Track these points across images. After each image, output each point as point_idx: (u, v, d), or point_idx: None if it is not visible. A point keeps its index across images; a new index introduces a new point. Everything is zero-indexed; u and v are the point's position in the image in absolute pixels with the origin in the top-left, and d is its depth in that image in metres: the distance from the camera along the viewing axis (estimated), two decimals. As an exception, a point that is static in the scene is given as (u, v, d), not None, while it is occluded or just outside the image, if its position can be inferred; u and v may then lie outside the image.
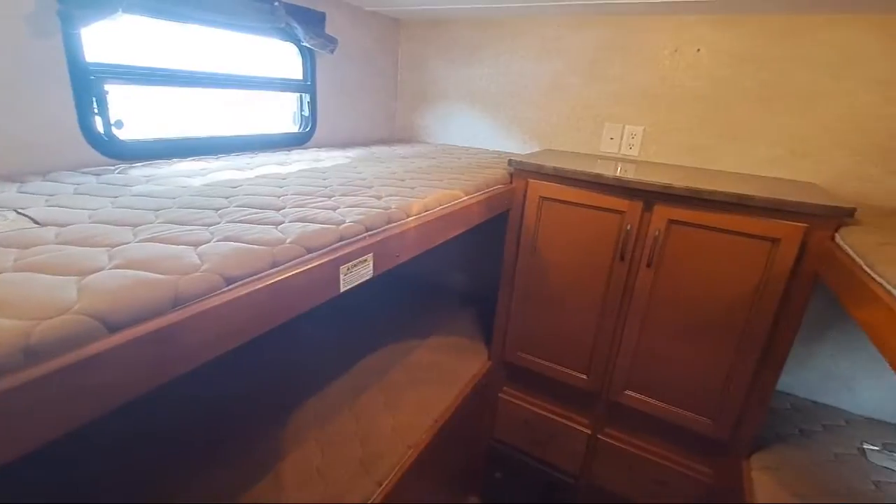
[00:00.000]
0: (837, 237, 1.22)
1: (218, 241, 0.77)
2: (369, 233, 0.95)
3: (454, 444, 1.76)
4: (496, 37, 2.15)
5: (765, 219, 1.31)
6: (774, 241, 1.30)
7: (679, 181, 1.43)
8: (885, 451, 1.54)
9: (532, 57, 2.08)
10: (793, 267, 1.30)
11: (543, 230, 1.68)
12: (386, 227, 1.01)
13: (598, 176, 1.52)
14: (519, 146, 2.21)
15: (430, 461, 1.46)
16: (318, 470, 1.23)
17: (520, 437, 2.00)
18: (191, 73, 1.55)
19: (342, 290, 0.87)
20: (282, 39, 1.82)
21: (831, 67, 1.56)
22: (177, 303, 0.62)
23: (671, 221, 1.44)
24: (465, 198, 1.38)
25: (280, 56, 1.91)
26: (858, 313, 0.97)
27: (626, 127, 1.96)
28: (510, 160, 1.68)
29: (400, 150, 2.09)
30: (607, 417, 1.78)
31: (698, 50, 1.75)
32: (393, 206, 1.08)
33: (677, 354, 1.54)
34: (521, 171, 1.67)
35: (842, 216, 1.23)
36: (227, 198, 1.04)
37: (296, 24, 1.72)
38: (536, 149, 2.16)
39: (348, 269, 0.86)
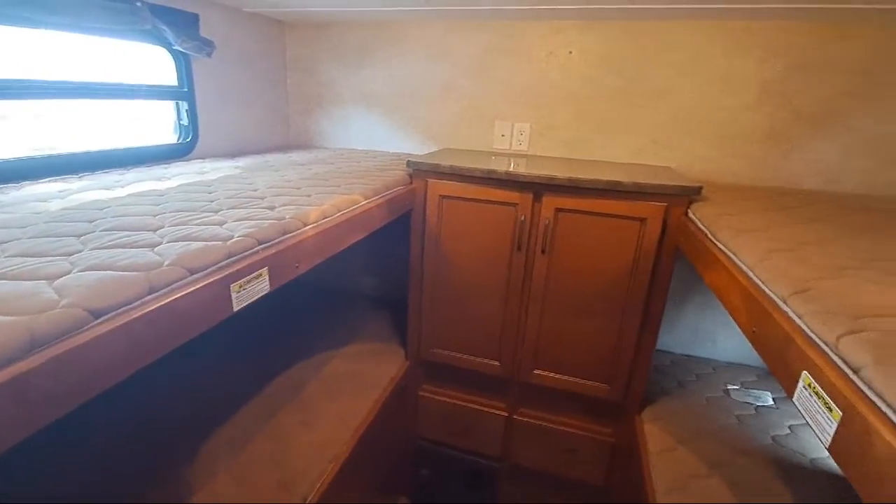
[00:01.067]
0: (689, 212, 1.43)
1: (80, 271, 0.69)
2: (262, 246, 0.92)
3: (378, 450, 1.76)
4: (386, 39, 2.16)
5: (633, 201, 1.48)
6: (642, 220, 1.49)
7: (562, 173, 1.56)
8: (743, 389, 1.84)
9: (422, 59, 2.13)
10: (658, 241, 1.49)
11: (446, 228, 1.73)
12: (281, 238, 0.98)
13: (492, 172, 1.61)
14: (418, 147, 2.26)
15: (353, 471, 1.45)
16: (232, 501, 1.16)
17: (443, 431, 2.05)
18: (35, 82, 1.36)
19: (236, 308, 0.83)
20: (150, 43, 1.66)
21: (680, 66, 1.81)
22: (34, 346, 0.55)
23: (558, 210, 1.58)
24: (365, 202, 1.39)
25: (155, 62, 1.75)
26: (707, 276, 1.15)
27: (515, 124, 2.10)
28: (409, 161, 1.71)
29: (296, 156, 2.03)
30: (521, 398, 1.89)
31: (570, 52, 1.93)
32: (288, 216, 1.05)
33: (575, 330, 1.69)
34: (419, 172, 1.71)
35: (691, 194, 1.44)
36: (91, 221, 0.94)
37: (164, 27, 1.59)
38: (434, 148, 2.22)
39: (241, 286, 0.82)
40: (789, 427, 1.63)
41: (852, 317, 0.66)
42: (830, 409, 0.56)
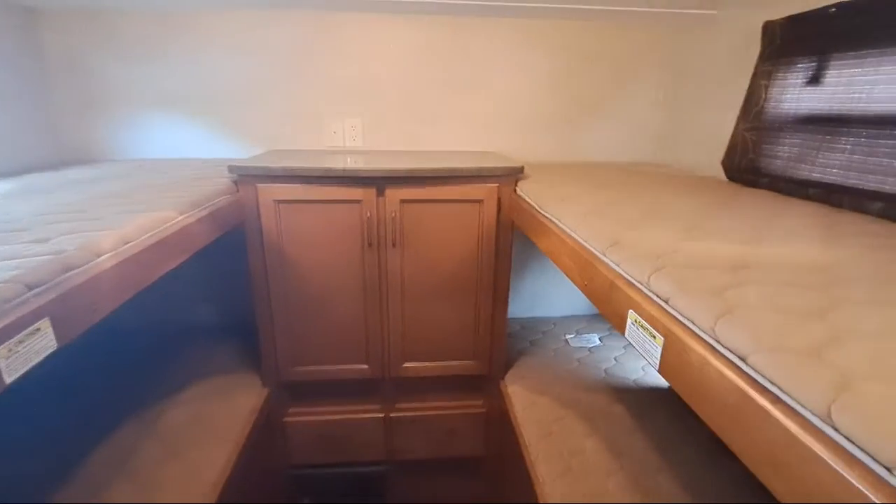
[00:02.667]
0: (518, 189, 1.58)
1: None
2: (35, 291, 0.70)
3: (246, 496, 1.55)
4: (178, 30, 1.86)
5: (469, 185, 1.57)
6: (479, 202, 1.59)
7: (401, 165, 1.57)
8: (578, 335, 2.14)
9: (233, 54, 1.90)
10: (496, 219, 1.61)
11: (288, 235, 1.59)
12: (63, 277, 0.76)
13: (329, 170, 1.53)
14: (239, 152, 2.02)
15: (220, 527, 1.25)
16: None
17: (319, 452, 1.92)
18: None
19: (9, 379, 0.61)
20: None
21: (492, 59, 1.97)
22: None
23: (403, 201, 1.58)
24: (181, 217, 1.18)
25: None
26: (541, 243, 1.28)
27: (346, 120, 2.03)
28: (230, 166, 1.52)
29: (74, 173, 1.62)
30: (395, 395, 1.88)
31: (390, 45, 1.94)
32: (70, 248, 0.82)
33: (436, 316, 1.73)
34: (246, 178, 1.53)
35: (517, 174, 1.59)
36: None
37: None
38: (258, 152, 2.01)
39: (10, 350, 0.61)
40: (614, 359, 1.96)
41: (654, 258, 0.80)
42: (654, 337, 0.67)
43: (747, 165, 1.48)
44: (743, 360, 0.53)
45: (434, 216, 1.61)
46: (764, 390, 0.49)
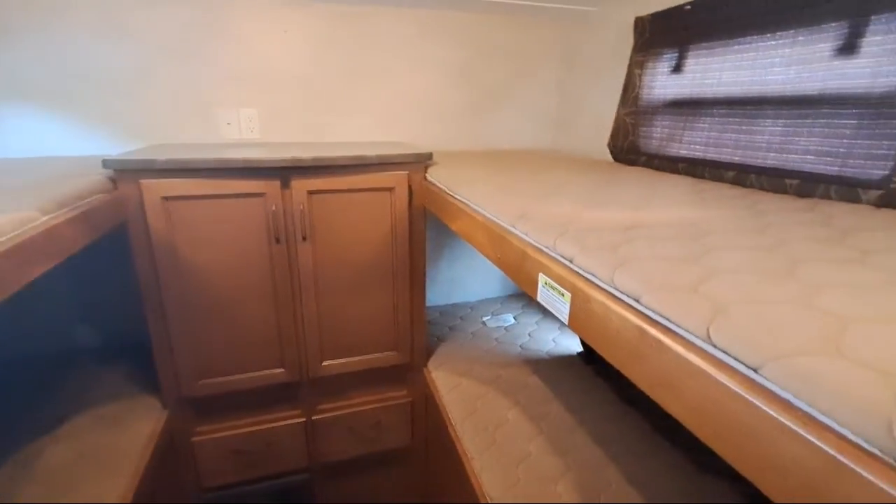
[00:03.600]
0: (428, 176, 1.59)
1: None
2: None
3: (153, 525, 1.39)
4: (26, 9, 1.59)
5: (379, 173, 1.56)
6: (390, 189, 1.58)
7: (306, 154, 1.50)
8: (494, 316, 2.23)
9: (101, 37, 1.67)
10: (408, 207, 1.62)
11: (181, 236, 1.45)
12: None
13: (225, 161, 1.41)
14: (115, 148, 1.78)
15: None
16: None
17: (234, 470, 1.77)
18: None
19: None
20: None
21: (395, 49, 1.96)
22: None
23: (310, 193, 1.52)
24: (46, 218, 1.01)
25: None
26: (454, 225, 1.31)
27: (241, 110, 1.89)
28: (105, 161, 1.33)
29: None
30: (315, 396, 1.80)
31: (285, 31, 1.84)
32: None
33: (354, 310, 1.69)
34: (126, 173, 1.36)
35: (426, 160, 1.61)
36: None
37: None
38: (141, 147, 1.80)
39: None
40: (528, 334, 2.08)
41: (558, 226, 0.86)
42: (563, 294, 0.73)
43: (629, 146, 1.65)
44: (637, 300, 0.60)
45: (344, 206, 1.57)
46: (656, 324, 0.56)
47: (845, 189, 1.01)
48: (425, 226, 1.69)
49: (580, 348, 1.93)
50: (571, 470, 1.32)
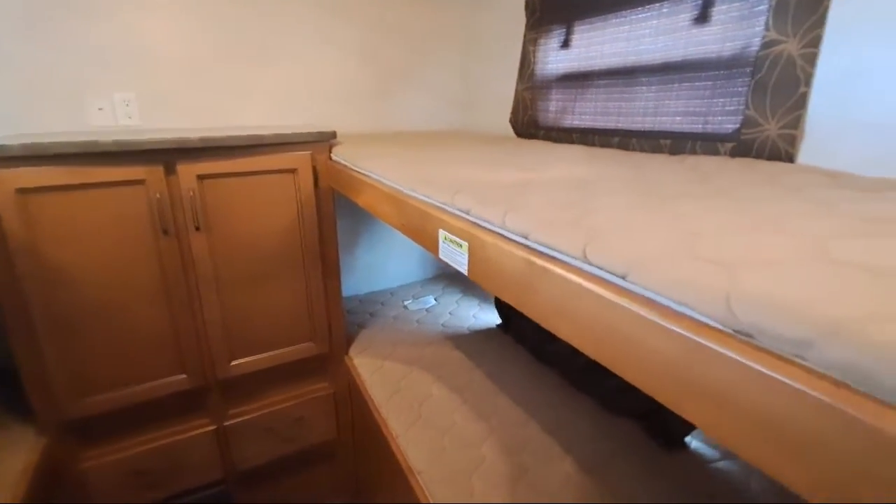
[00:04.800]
0: (332, 155, 1.54)
1: None
2: None
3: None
4: None
5: (279, 154, 1.47)
6: (293, 170, 1.50)
7: (193, 134, 1.37)
8: (415, 300, 2.23)
9: None
10: (314, 188, 1.55)
11: (45, 234, 1.26)
12: None
13: (94, 144, 1.25)
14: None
15: None
16: None
17: (136, 494, 1.59)
18: None
19: None
20: None
21: (292, 29, 1.85)
22: None
23: (201, 177, 1.39)
24: None
25: None
26: (360, 199, 1.28)
27: (116, 94, 1.68)
28: (-71, 148, 1.12)
29: None
30: (225, 400, 1.68)
31: (163, 6, 1.66)
32: None
33: (262, 302, 1.59)
34: (-41, 161, 1.15)
35: (329, 139, 1.55)
36: None
37: None
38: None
39: None
40: (449, 313, 2.11)
41: (456, 184, 0.87)
42: (461, 245, 0.74)
43: (528, 121, 1.73)
44: (525, 237, 0.62)
45: (243, 192, 1.46)
46: (542, 255, 0.58)
47: (708, 143, 1.14)
48: (334, 208, 1.63)
49: (499, 321, 1.99)
50: (495, 431, 1.36)
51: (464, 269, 0.74)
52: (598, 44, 1.42)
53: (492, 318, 2.04)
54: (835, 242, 0.45)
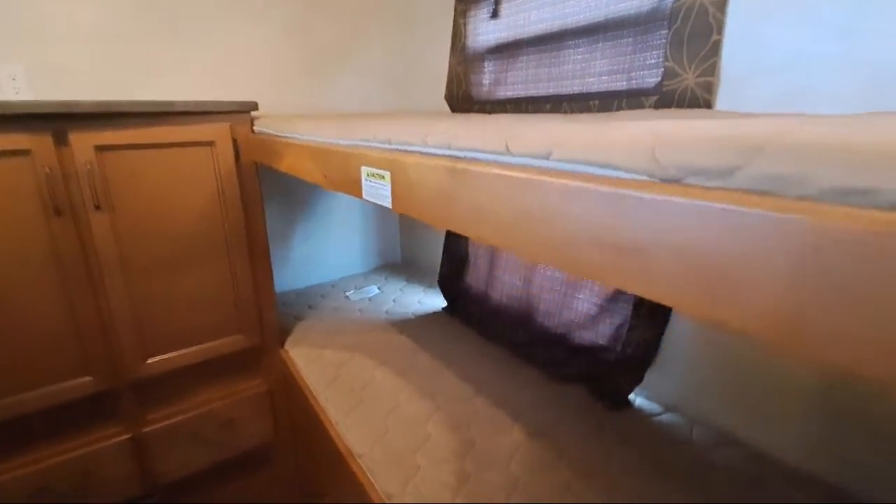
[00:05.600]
0: (255, 128, 1.43)
1: None
2: None
3: None
4: None
5: (194, 125, 1.35)
6: (210, 143, 1.38)
7: (87, 98, 1.22)
8: (357, 290, 2.13)
9: None
10: (236, 164, 1.43)
11: None
12: None
13: (-43, 109, 1.07)
14: None
15: None
16: None
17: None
18: None
19: None
20: None
21: (214, 3, 1.72)
22: None
23: (100, 149, 1.24)
24: None
25: None
26: (284, 164, 1.19)
27: (2, 66, 1.48)
28: None
29: None
30: (141, 404, 1.49)
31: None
32: None
33: (181, 290, 1.44)
34: None
35: (250, 109, 1.44)
36: None
37: None
38: None
39: None
40: (393, 300, 2.03)
41: (378, 129, 0.81)
42: (383, 176, 0.68)
43: (462, 95, 1.71)
44: (448, 147, 0.57)
45: (154, 165, 1.32)
46: (464, 159, 0.54)
47: (633, 99, 1.16)
48: (260, 186, 1.52)
49: (444, 304, 1.94)
50: (441, 408, 1.29)
51: (388, 202, 0.68)
52: (525, 11, 1.42)
53: (437, 302, 1.99)
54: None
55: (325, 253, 2.25)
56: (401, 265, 2.49)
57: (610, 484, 1.03)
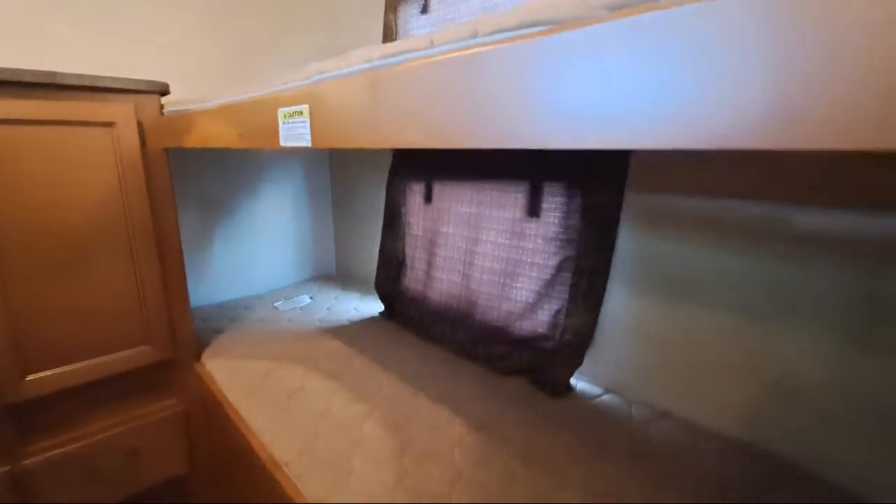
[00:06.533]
0: (166, 110, 1.30)
1: None
2: None
3: None
4: None
5: (90, 102, 1.20)
6: (110, 124, 1.23)
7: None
8: (286, 300, 1.98)
9: None
10: (141, 150, 1.29)
11: None
12: None
13: None
14: None
15: None
16: None
17: None
18: None
19: None
20: None
21: None
22: None
23: (-32, 125, 1.06)
24: None
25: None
26: (192, 136, 1.08)
27: None
28: None
29: None
30: (19, 431, 1.25)
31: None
32: None
33: (73, 294, 1.25)
34: None
35: (162, 91, 1.31)
36: None
37: None
38: None
39: None
40: (327, 308, 1.91)
41: (281, 79, 0.76)
42: (301, 112, 0.62)
43: (395, 92, 1.69)
44: (369, 61, 0.53)
45: (37, 146, 1.15)
46: (388, 65, 0.50)
47: None
48: (170, 176, 1.37)
49: (381, 309, 1.85)
50: (378, 408, 1.19)
51: (307, 141, 0.62)
52: (454, 4, 1.44)
53: (374, 308, 1.89)
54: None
55: (250, 264, 2.09)
56: (336, 277, 2.37)
57: (555, 467, 0.99)
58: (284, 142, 0.67)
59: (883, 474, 0.84)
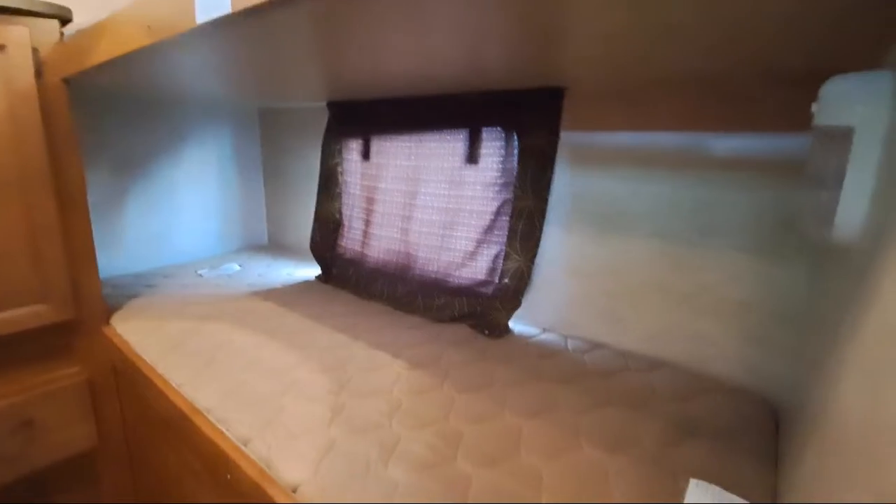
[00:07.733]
0: (67, 37, 1.16)
1: None
2: None
3: None
4: None
5: (-33, 19, 1.04)
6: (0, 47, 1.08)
7: None
8: (213, 269, 1.85)
9: None
10: (37, 81, 1.14)
11: None
12: None
13: None
14: None
15: None
16: None
17: None
18: None
19: None
20: None
21: None
22: None
23: None
24: None
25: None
26: (98, 52, 0.96)
27: None
28: None
29: None
30: None
31: None
32: None
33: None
34: None
35: (64, 17, 1.16)
36: None
37: None
38: None
39: None
40: (258, 274, 1.80)
41: None
42: None
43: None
44: None
45: None
46: None
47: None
48: (71, 114, 1.23)
49: (318, 273, 1.78)
50: (311, 358, 1.14)
51: (227, 6, 0.56)
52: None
53: (310, 273, 1.82)
54: None
55: (171, 233, 1.92)
56: (268, 247, 2.25)
57: (494, 392, 0.99)
58: (201, 14, 0.61)
59: (789, 376, 0.92)
